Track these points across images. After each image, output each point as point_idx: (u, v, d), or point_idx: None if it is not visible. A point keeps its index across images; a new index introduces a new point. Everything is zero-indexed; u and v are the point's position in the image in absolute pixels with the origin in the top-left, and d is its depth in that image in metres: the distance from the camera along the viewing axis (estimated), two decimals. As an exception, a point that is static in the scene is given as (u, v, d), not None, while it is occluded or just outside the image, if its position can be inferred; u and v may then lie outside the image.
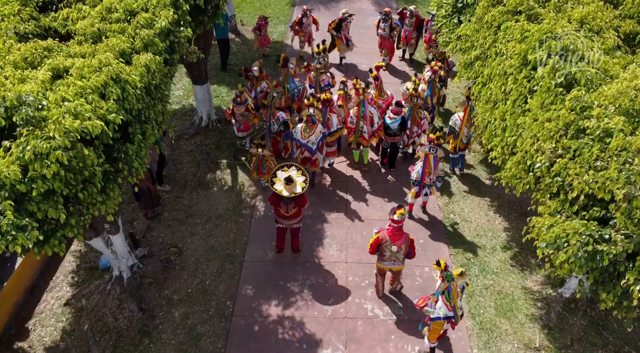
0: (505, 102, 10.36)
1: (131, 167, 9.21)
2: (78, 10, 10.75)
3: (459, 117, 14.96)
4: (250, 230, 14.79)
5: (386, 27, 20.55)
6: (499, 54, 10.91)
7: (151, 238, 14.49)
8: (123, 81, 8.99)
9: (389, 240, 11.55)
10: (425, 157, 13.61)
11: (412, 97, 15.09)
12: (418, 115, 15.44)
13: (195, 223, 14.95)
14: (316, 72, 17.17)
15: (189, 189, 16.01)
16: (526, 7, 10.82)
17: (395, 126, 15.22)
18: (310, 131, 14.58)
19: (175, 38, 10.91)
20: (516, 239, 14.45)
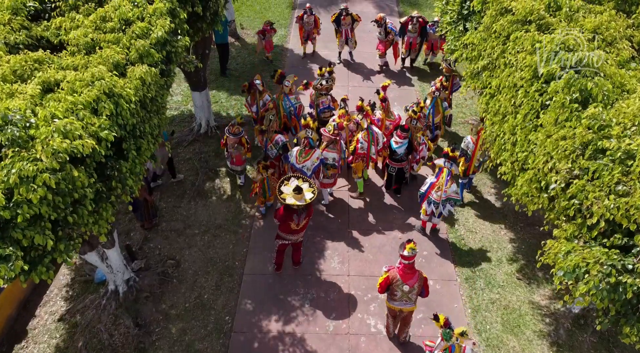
0: (515, 115, 9.85)
1: (125, 185, 8.71)
2: (71, 19, 10.24)
3: (472, 140, 14.17)
4: (249, 241, 14.32)
5: (381, 31, 20.35)
6: (508, 65, 10.41)
7: (148, 250, 14.00)
8: (117, 95, 8.49)
9: (400, 279, 10.43)
10: (440, 170, 13.05)
11: (411, 119, 14.51)
12: (417, 140, 14.68)
13: (194, 234, 14.46)
14: (316, 92, 16.15)
15: (187, 198, 15.53)
16: (536, 17, 10.29)
17: (402, 151, 14.31)
18: (306, 156, 13.63)
19: (172, 48, 10.41)
20: (522, 251, 13.98)
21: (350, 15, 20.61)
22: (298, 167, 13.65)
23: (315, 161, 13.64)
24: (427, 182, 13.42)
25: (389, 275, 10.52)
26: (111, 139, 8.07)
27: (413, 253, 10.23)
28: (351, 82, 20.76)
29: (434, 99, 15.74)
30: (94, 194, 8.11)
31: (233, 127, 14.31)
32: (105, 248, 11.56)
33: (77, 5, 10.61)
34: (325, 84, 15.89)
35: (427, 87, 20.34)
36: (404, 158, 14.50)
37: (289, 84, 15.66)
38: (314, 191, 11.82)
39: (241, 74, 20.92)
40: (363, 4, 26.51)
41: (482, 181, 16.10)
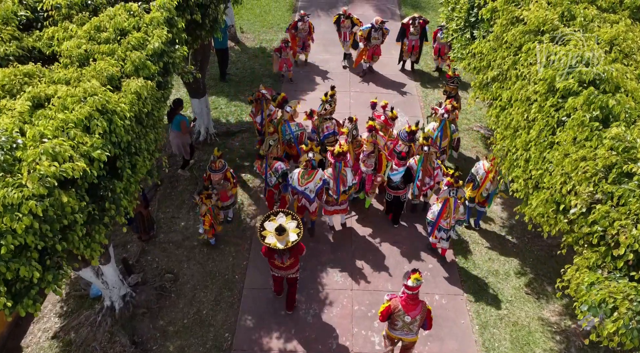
0: (529, 130, 9.32)
1: (119, 206, 8.18)
2: (64, 29, 9.69)
3: (484, 167, 13.12)
4: (250, 253, 13.80)
5: (379, 36, 19.67)
6: (520, 77, 9.87)
7: (145, 263, 13.49)
8: (110, 112, 7.96)
9: (402, 309, 9.79)
10: (445, 201, 12.36)
11: (422, 146, 13.15)
12: (431, 165, 13.46)
13: (192, 246, 13.94)
14: (319, 118, 14.93)
15: (185, 208, 15.01)
16: (550, 27, 9.74)
17: (397, 179, 13.41)
18: (308, 177, 12.74)
19: (170, 58, 9.88)
20: (530, 263, 13.48)
21: (349, 18, 20.11)
22: (300, 190, 12.86)
23: (318, 182, 12.82)
24: (433, 210, 12.68)
25: (390, 304, 9.92)
26: (104, 159, 7.56)
27: (417, 284, 9.58)
28: (352, 87, 20.21)
29: (442, 122, 14.53)
30: (86, 216, 7.58)
31: (215, 163, 13.12)
32: (101, 264, 11.03)
33: (71, 15, 10.06)
34: (329, 108, 14.87)
35: (430, 92, 19.86)
36: (401, 186, 13.62)
37: (290, 110, 14.77)
38: (300, 233, 10.81)
39: (241, 79, 20.37)
40: (364, 7, 25.99)
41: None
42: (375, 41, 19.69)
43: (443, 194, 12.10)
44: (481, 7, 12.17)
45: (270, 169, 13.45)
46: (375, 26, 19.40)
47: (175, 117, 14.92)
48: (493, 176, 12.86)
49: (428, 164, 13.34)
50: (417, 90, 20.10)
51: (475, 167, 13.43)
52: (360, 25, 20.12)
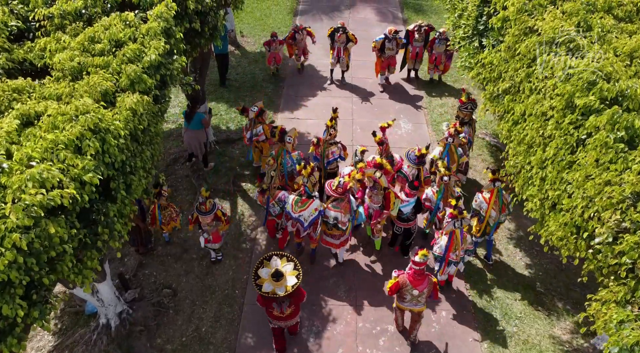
0: (544, 148, 8.77)
1: (113, 230, 7.64)
2: (57, 40, 9.15)
3: (484, 199, 12.17)
4: (250, 266, 13.24)
5: (394, 46, 18.69)
6: (535, 91, 9.33)
7: (143, 277, 12.98)
8: (103, 131, 7.43)
9: (409, 284, 10.25)
10: (451, 233, 11.33)
11: (442, 178, 12.37)
12: (452, 195, 12.26)
13: (191, 259, 13.43)
14: (324, 144, 13.91)
15: (184, 220, 14.45)
16: (566, 39, 9.19)
17: (408, 210, 12.36)
18: (302, 205, 11.84)
19: (167, 70, 9.34)
20: (540, 278, 12.97)
21: (345, 34, 18.93)
22: (294, 216, 11.92)
23: (314, 212, 11.83)
24: (440, 244, 11.64)
25: (398, 280, 10.39)
26: (96, 182, 7.03)
27: (424, 260, 10.09)
28: (355, 93, 19.69)
29: (447, 146, 13.59)
30: (77, 243, 7.05)
31: (204, 205, 11.96)
32: (96, 282, 10.52)
33: (64, 25, 9.52)
34: (334, 132, 13.85)
35: (435, 99, 19.29)
36: (411, 218, 12.55)
37: (291, 140, 13.57)
38: (299, 275, 9.98)
39: (241, 84, 19.83)
40: (366, 11, 25.43)
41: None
42: (390, 52, 18.79)
43: (448, 227, 11.24)
44: (491, 16, 11.64)
45: (274, 199, 12.58)
46: (389, 36, 18.49)
47: (196, 115, 14.69)
48: (495, 203, 12.00)
49: (449, 195, 12.36)
50: (420, 97, 19.55)
51: (475, 202, 12.46)
52: (356, 42, 19.21)
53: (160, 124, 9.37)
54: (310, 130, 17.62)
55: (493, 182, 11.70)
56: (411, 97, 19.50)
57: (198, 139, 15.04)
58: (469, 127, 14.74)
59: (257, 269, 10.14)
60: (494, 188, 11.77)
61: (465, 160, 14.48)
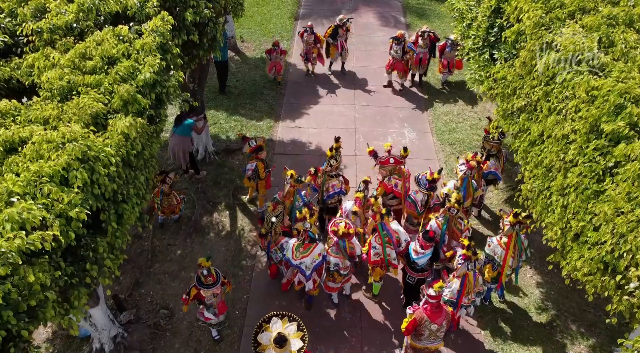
0: (566, 173, 8.13)
1: (102, 266, 7.00)
2: (46, 57, 8.50)
3: (500, 243, 10.94)
4: (250, 285, 12.68)
5: (399, 50, 18.24)
6: (554, 112, 8.68)
7: (139, 297, 12.38)
8: (92, 160, 6.80)
9: (427, 319, 9.43)
10: (464, 276, 10.36)
11: (449, 209, 11.31)
12: (457, 227, 11.52)
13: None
14: (324, 175, 12.71)
15: (182, 235, 13.89)
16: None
17: (423, 262, 11.04)
18: (304, 251, 10.76)
19: (163, 88, 8.69)
20: (552, 298, 12.34)
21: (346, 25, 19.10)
22: (295, 264, 10.92)
23: (317, 258, 10.79)
24: (452, 288, 10.57)
25: (415, 316, 9.52)
26: (83, 217, 6.40)
27: (440, 292, 9.37)
28: (357, 100, 19.05)
29: (465, 180, 12.33)
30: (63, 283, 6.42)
31: (210, 277, 10.31)
32: (89, 306, 9.89)
33: (54, 40, 8.87)
34: (335, 164, 12.64)
35: (440, 107, 18.65)
36: (426, 268, 11.28)
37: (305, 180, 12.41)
38: (305, 337, 8.69)
39: (241, 92, 19.19)
40: (369, 15, 24.81)
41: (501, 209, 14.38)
42: (394, 54, 18.45)
43: (461, 270, 10.28)
44: (503, 28, 10.98)
45: (276, 245, 11.56)
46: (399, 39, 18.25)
47: (187, 122, 14.01)
48: (513, 251, 10.85)
49: (454, 227, 11.48)
50: (425, 104, 18.92)
51: (489, 247, 11.21)
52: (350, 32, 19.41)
53: (155, 145, 8.72)
54: (312, 140, 17.02)
55: (513, 226, 10.59)
56: (415, 105, 18.88)
57: (182, 147, 14.23)
58: (496, 161, 13.52)
59: (257, 334, 8.73)
60: (513, 232, 10.65)
61: (480, 193, 13.26)
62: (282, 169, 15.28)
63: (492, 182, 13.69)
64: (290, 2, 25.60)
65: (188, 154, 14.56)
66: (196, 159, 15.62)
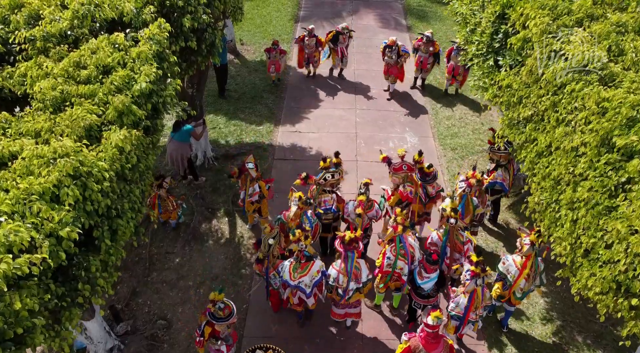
0: (575, 187, 7.82)
1: (95, 285, 6.70)
2: (39, 66, 8.19)
3: (515, 263, 10.45)
4: (250, 295, 12.33)
5: (393, 55, 17.92)
6: (563, 123, 8.38)
7: (136, 307, 12.09)
8: (85, 175, 6.50)
9: (423, 349, 8.87)
10: (473, 292, 9.89)
11: (449, 218, 10.85)
12: (459, 239, 11.05)
13: (187, 287, 12.52)
14: (317, 188, 12.09)
15: (181, 242, 13.59)
16: (598, 66, 8.23)
17: (429, 287, 10.57)
18: (302, 271, 10.22)
19: (160, 98, 8.39)
20: (557, 308, 12.03)
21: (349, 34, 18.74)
22: (293, 284, 10.38)
23: (316, 275, 10.30)
24: (459, 303, 10.11)
25: (410, 344, 9.06)
26: (74, 237, 6.10)
27: (438, 322, 8.74)
28: (358, 104, 18.75)
29: (464, 197, 11.74)
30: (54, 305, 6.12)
31: (227, 308, 9.76)
32: (84, 320, 9.60)
33: (47, 48, 8.56)
34: (330, 179, 11.96)
35: (442, 111, 18.34)
36: (432, 294, 10.70)
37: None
38: None
39: (241, 95, 18.87)
40: (369, 17, 24.49)
41: (506, 221, 14.09)
42: (389, 60, 18.07)
43: (469, 286, 9.81)
44: (508, 34, 10.68)
45: (274, 269, 10.96)
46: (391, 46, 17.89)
47: (185, 127, 13.64)
48: (529, 272, 10.33)
49: (455, 239, 11.02)
50: (427, 107, 18.60)
51: (502, 265, 10.74)
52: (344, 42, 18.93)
53: (151, 156, 8.41)
54: (313, 144, 16.72)
55: (532, 245, 10.04)
56: (417, 109, 18.55)
57: (181, 153, 13.90)
58: (505, 172, 12.83)
59: None
60: (531, 252, 10.11)
61: (481, 211, 12.48)
62: (281, 174, 15.17)
63: (498, 193, 13.13)
64: (290, 4, 25.28)
65: (186, 160, 14.25)
66: (195, 165, 15.31)
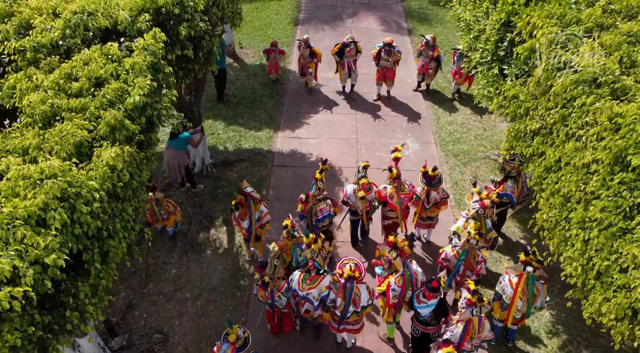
0: (587, 205, 7.45)
1: (84, 312, 6.34)
2: (29, 78, 7.83)
3: (510, 283, 10.02)
4: (249, 306, 12.05)
5: (390, 57, 17.46)
6: (572, 138, 8.01)
7: (132, 320, 11.76)
8: (73, 197, 6.13)
9: None
10: (468, 321, 9.33)
11: (469, 240, 10.36)
12: (474, 259, 10.66)
13: (185, 299, 12.17)
14: (312, 199, 11.85)
15: (178, 252, 13.25)
16: (610, 79, 7.85)
17: (426, 313, 9.97)
18: (311, 283, 9.97)
19: (154, 110, 8.02)
20: (563, 320, 11.67)
21: (355, 47, 17.79)
22: (302, 295, 10.12)
23: (324, 290, 9.99)
24: (454, 332, 9.47)
25: None
26: (61, 264, 5.73)
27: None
28: (359, 109, 18.40)
29: (476, 218, 11.23)
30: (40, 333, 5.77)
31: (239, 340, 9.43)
32: (77, 337, 9.24)
33: (38, 59, 8.19)
34: (322, 185, 11.92)
35: (443, 116, 17.96)
36: (431, 322, 10.08)
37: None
38: None
39: (240, 100, 18.50)
40: (369, 20, 24.07)
41: (510, 230, 13.71)
42: (385, 63, 17.57)
43: (465, 315, 9.29)
44: (514, 42, 10.31)
45: (280, 290, 10.48)
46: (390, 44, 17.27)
47: (183, 135, 13.27)
48: (522, 292, 9.91)
49: (472, 259, 10.60)
50: (428, 112, 18.19)
51: (499, 285, 10.32)
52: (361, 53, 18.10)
53: (145, 172, 8.04)
54: (313, 151, 16.36)
55: (524, 265, 9.72)
56: (418, 115, 18.12)
57: (178, 161, 13.56)
58: (514, 184, 12.36)
59: None
60: (524, 273, 9.73)
61: (494, 235, 11.93)
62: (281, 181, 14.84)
63: (505, 205, 12.59)
64: (290, 7, 24.88)
65: (184, 168, 13.91)
66: (193, 173, 14.95)
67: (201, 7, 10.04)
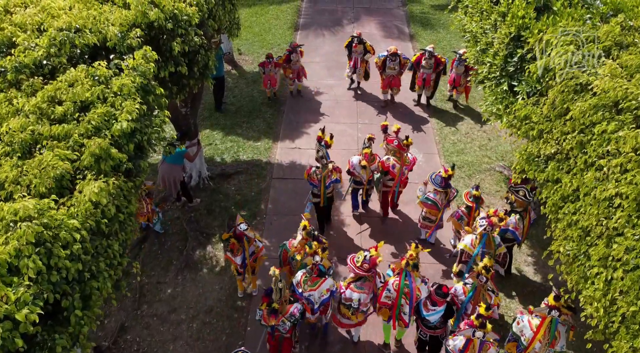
0: (609, 242, 6.83)
1: (64, 364, 5.72)
2: (9, 101, 7.20)
3: (530, 325, 9.12)
4: (246, 329, 11.46)
5: (396, 66, 16.96)
6: (592, 166, 7.39)
7: (124, 345, 11.17)
8: (50, 241, 5.50)
9: None
10: (468, 340, 8.78)
11: (479, 275, 9.64)
12: (485, 297, 9.80)
13: (180, 321, 11.58)
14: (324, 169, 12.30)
15: (173, 271, 12.66)
16: (633, 104, 7.21)
17: (435, 319, 9.64)
18: (312, 284, 9.65)
19: (144, 135, 7.40)
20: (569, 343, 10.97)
21: (363, 44, 17.42)
22: (304, 295, 9.81)
23: (325, 293, 9.70)
24: (456, 344, 8.97)
25: None
26: (33, 319, 5.12)
27: None
28: (360, 118, 17.78)
29: (484, 237, 10.67)
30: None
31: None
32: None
33: (20, 81, 7.56)
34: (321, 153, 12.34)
35: (447, 127, 17.34)
36: (439, 326, 9.78)
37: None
38: None
39: (238, 109, 17.89)
40: (371, 25, 23.44)
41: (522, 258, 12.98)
42: (391, 71, 17.06)
43: (466, 332, 8.76)
44: (524, 58, 9.69)
45: (285, 315, 9.71)
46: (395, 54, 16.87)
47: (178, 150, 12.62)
48: (544, 336, 9.01)
49: (480, 296, 9.80)
50: (431, 124, 17.58)
51: (516, 325, 9.43)
52: (373, 54, 17.53)
53: (134, 203, 7.41)
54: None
55: (550, 309, 8.89)
56: (421, 125, 17.49)
57: (173, 176, 13.04)
58: (520, 220, 11.27)
59: None
60: (548, 316, 8.93)
61: (503, 250, 11.14)
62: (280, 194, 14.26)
63: (509, 242, 11.54)
64: (290, 12, 24.23)
65: (179, 183, 13.34)
66: (189, 186, 14.32)
67: (196, 21, 9.41)
